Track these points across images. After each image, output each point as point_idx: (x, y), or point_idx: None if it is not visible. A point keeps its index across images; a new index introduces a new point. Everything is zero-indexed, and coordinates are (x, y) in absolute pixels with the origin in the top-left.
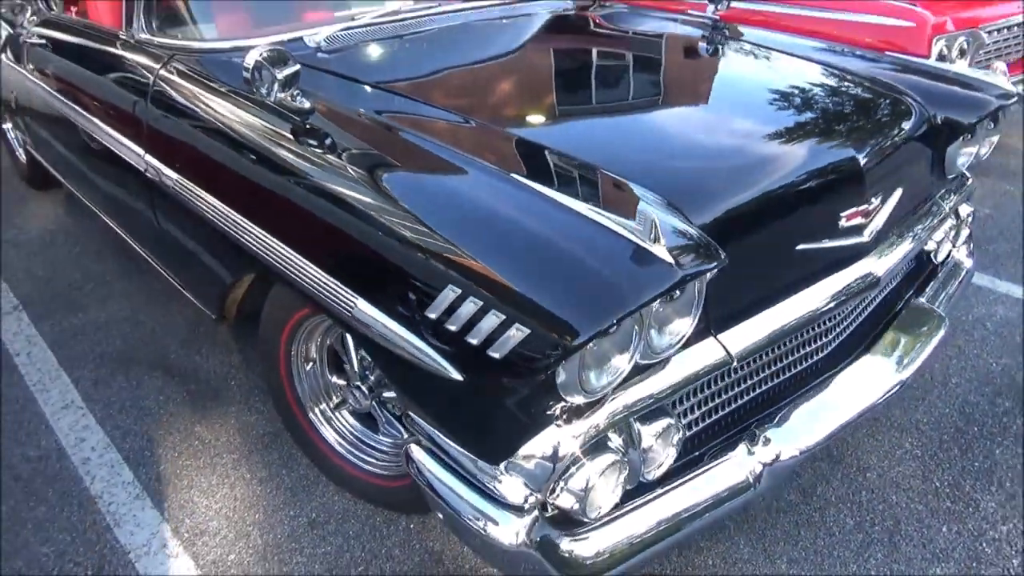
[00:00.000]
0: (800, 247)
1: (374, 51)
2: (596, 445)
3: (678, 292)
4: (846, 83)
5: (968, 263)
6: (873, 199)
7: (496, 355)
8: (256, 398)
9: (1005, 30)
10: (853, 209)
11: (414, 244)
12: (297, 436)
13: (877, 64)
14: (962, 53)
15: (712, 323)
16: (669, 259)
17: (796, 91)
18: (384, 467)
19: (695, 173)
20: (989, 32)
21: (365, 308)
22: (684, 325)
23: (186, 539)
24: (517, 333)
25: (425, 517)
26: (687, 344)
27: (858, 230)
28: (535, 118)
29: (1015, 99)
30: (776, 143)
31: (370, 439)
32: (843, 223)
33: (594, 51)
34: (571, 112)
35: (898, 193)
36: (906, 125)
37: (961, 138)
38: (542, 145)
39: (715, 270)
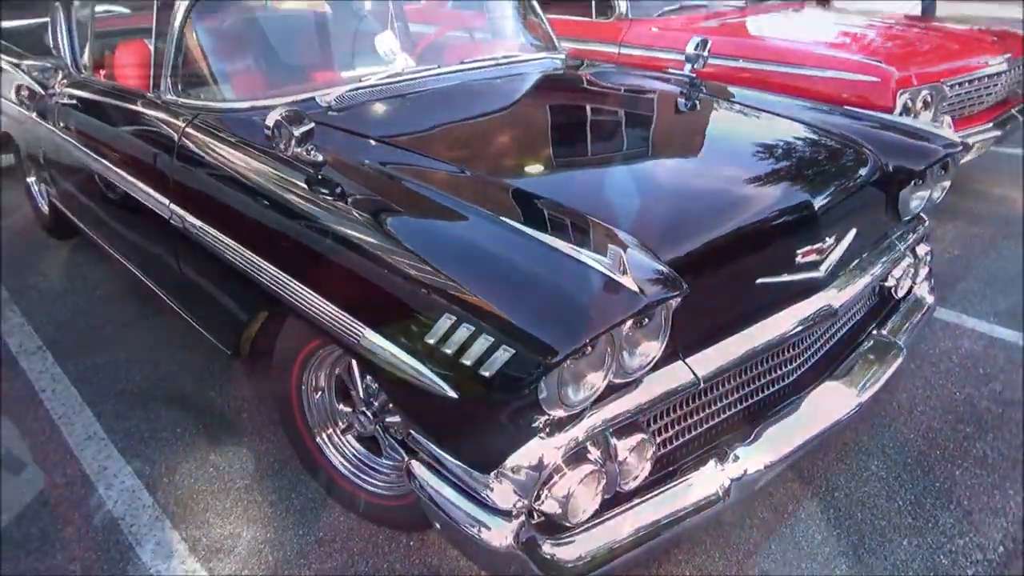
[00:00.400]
0: (760, 280)
1: (379, 109)
2: (576, 456)
3: (647, 319)
4: (805, 134)
5: (929, 299)
6: (827, 238)
7: (487, 374)
8: (266, 429)
9: (967, 83)
10: (808, 247)
11: (415, 280)
12: (305, 460)
13: (835, 116)
14: (926, 105)
15: (681, 348)
16: (635, 288)
17: (760, 142)
18: (387, 488)
19: (667, 215)
20: (951, 86)
21: (371, 337)
22: (653, 348)
23: (203, 556)
24: (504, 353)
25: (424, 535)
26: (657, 366)
27: (814, 266)
28: (522, 167)
29: (960, 148)
30: (740, 188)
31: (373, 462)
32: (799, 260)
33: (580, 107)
34: (557, 162)
35: (852, 233)
36: (860, 172)
37: (912, 183)
38: (526, 191)
39: (677, 298)
